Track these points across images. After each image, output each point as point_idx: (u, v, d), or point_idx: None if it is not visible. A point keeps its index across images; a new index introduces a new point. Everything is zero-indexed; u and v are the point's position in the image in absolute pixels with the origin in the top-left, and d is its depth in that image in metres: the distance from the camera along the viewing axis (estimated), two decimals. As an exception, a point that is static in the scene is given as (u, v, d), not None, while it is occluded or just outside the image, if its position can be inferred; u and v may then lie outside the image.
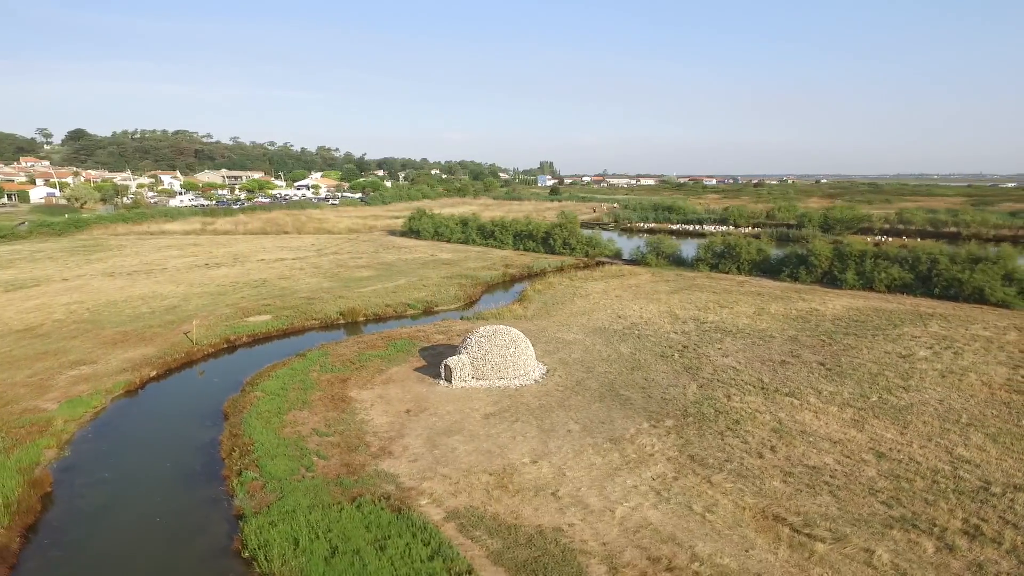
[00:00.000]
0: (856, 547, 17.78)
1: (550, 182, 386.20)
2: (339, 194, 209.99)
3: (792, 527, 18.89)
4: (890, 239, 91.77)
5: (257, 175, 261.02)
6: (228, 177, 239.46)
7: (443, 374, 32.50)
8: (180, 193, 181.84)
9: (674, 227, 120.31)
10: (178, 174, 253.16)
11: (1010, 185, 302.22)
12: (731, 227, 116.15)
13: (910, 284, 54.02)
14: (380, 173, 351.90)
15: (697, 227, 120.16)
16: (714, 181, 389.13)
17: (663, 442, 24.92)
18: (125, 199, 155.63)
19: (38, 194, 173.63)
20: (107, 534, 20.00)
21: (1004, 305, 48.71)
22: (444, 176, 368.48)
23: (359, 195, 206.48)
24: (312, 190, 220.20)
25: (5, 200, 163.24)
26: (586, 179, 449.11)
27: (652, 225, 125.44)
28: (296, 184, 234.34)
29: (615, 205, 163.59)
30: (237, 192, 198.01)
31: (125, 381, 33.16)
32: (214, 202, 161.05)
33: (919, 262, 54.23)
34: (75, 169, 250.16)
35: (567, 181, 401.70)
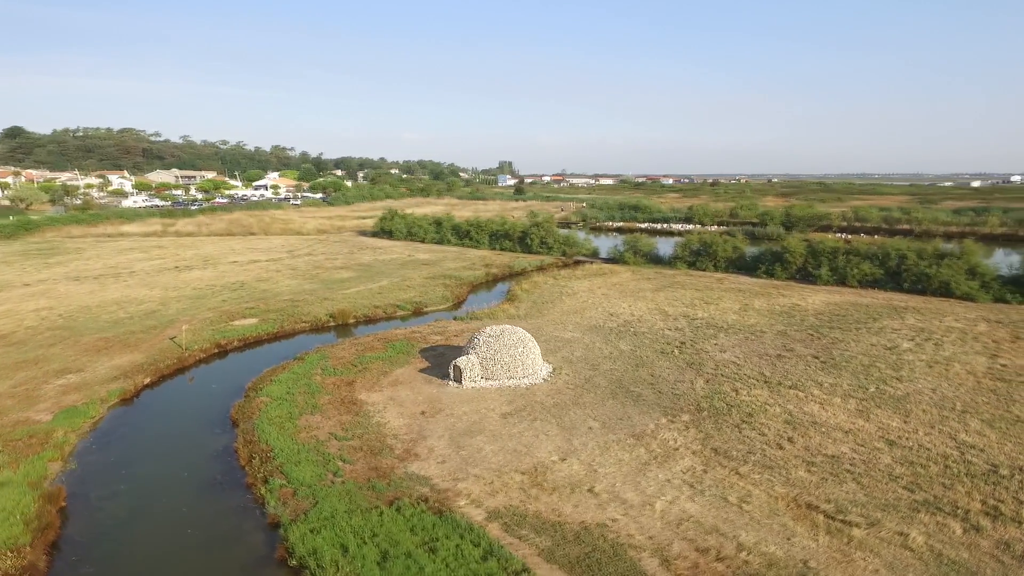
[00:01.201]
0: (890, 531, 18.61)
1: (510, 181, 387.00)
2: (300, 194, 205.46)
3: (826, 514, 19.62)
4: (850, 236, 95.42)
5: (210, 175, 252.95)
6: (182, 177, 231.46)
7: (452, 375, 32.38)
8: (133, 194, 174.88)
9: (642, 226, 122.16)
10: (126, 174, 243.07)
11: (948, 184, 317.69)
12: (697, 225, 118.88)
13: (880, 279, 56.48)
14: (338, 173, 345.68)
15: (664, 225, 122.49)
16: (670, 180, 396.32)
17: (684, 436, 25.48)
18: (75, 200, 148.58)
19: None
20: (137, 548, 19.25)
21: (969, 298, 51.40)
22: (404, 176, 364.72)
23: (320, 195, 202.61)
24: (272, 190, 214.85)
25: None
26: (546, 178, 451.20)
27: (620, 224, 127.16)
28: (254, 184, 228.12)
29: (582, 204, 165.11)
30: (193, 192, 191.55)
31: (119, 389, 31.89)
32: (170, 203, 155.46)
33: (889, 258, 56.75)
34: (14, 168, 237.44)
35: (527, 180, 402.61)
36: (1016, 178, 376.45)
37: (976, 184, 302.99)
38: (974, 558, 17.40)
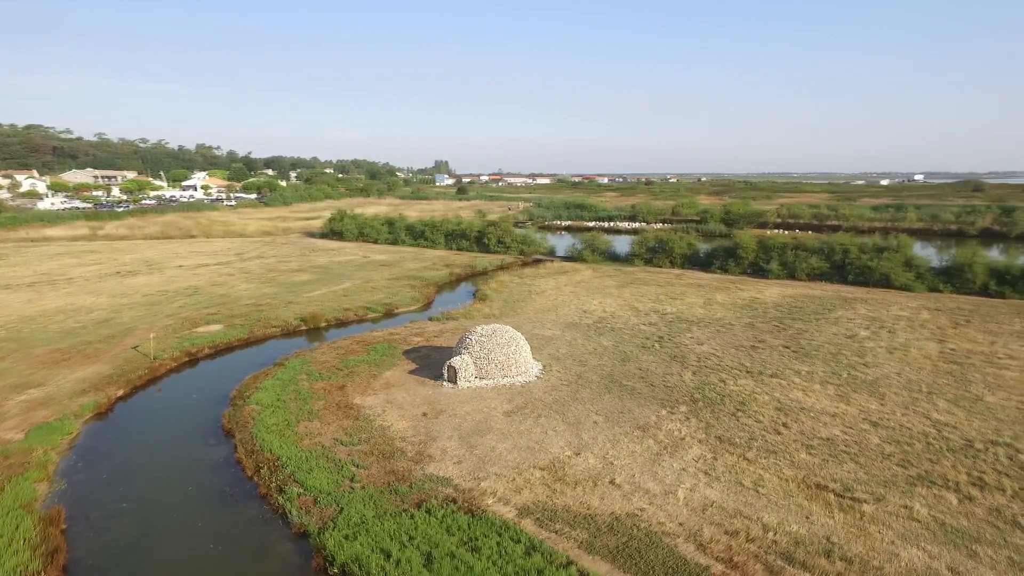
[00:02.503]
0: (896, 505, 20.08)
1: (448, 181, 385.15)
2: (233, 195, 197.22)
3: (835, 493, 20.95)
4: (786, 231, 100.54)
5: (131, 175, 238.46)
6: (101, 177, 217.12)
7: (446, 375, 32.27)
8: (48, 195, 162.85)
9: (589, 224, 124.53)
10: (35, 173, 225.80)
11: (860, 183, 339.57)
12: (642, 223, 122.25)
13: (827, 272, 60.05)
14: (270, 172, 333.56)
15: (611, 224, 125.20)
16: (606, 180, 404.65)
17: (687, 426, 26.47)
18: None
19: None
20: (159, 566, 18.30)
21: (907, 288, 55.44)
22: (340, 176, 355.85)
23: (255, 195, 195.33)
24: (203, 191, 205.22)
25: None
26: (484, 178, 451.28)
27: (568, 223, 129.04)
28: (182, 185, 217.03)
29: (528, 204, 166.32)
30: (117, 193, 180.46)
31: (92, 403, 30.04)
32: (92, 205, 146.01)
33: (834, 252, 60.41)
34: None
35: (465, 180, 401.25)
36: (919, 177, 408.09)
37: (886, 183, 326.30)
38: (973, 525, 19.04)
